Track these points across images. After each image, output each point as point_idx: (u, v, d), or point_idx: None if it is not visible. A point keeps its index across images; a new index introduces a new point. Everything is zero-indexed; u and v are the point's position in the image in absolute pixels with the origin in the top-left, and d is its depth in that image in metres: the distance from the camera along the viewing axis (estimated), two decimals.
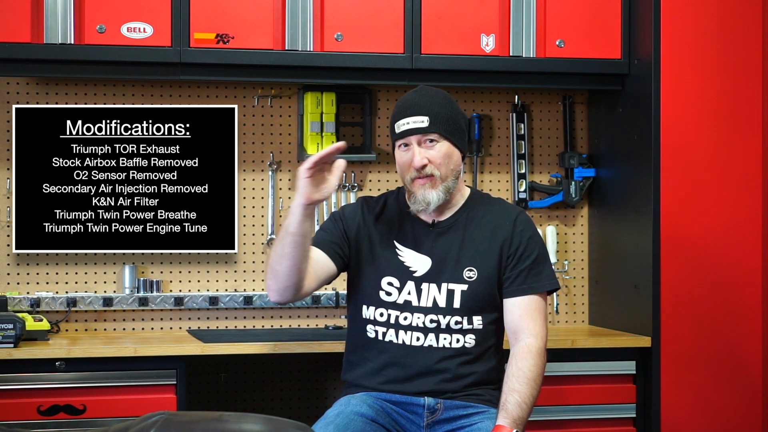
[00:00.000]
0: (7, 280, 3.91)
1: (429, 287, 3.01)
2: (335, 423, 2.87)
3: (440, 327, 3.00)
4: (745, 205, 3.86)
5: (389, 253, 3.04)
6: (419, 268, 3.03)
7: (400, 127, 3.00)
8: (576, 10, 3.93)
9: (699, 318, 3.82)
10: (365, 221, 3.08)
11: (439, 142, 2.98)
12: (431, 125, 2.97)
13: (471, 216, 3.07)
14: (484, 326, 3.02)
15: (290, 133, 4.12)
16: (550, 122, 4.31)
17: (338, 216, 3.12)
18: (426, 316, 3.00)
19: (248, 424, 1.86)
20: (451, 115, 3.01)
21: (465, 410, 2.97)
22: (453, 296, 3.00)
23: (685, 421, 3.80)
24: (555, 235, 4.24)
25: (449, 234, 3.05)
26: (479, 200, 3.12)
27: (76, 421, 3.44)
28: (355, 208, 3.13)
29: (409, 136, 2.99)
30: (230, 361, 4.00)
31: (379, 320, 3.03)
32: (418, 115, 2.98)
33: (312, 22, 3.76)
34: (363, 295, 3.06)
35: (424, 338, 3.00)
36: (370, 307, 3.05)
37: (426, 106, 2.99)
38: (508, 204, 3.16)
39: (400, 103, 3.05)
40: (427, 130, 2.97)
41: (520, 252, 3.02)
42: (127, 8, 3.66)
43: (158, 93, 4.02)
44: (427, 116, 2.97)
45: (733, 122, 3.86)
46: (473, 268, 3.01)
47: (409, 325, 3.00)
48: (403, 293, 3.02)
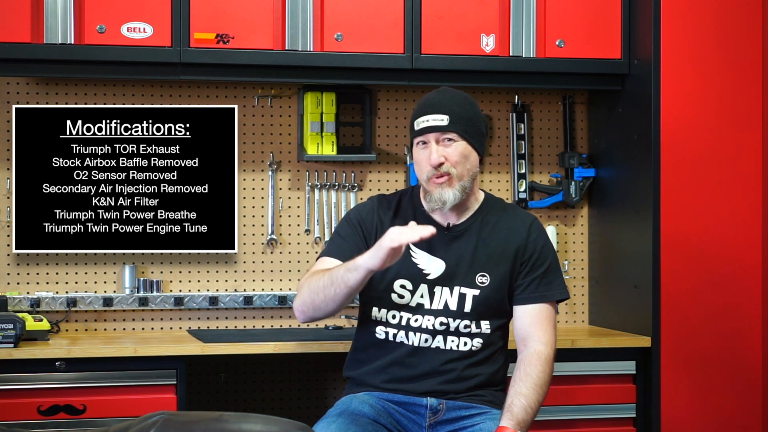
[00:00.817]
0: (7, 280, 3.91)
1: (442, 290, 3.01)
2: (337, 423, 2.87)
3: (449, 330, 3.00)
4: (745, 205, 3.86)
5: (403, 256, 2.99)
6: (433, 271, 3.02)
7: (420, 124, 3.01)
8: (576, 10, 3.93)
9: (699, 318, 3.82)
10: (382, 222, 3.07)
11: (457, 142, 2.98)
12: (450, 124, 2.98)
13: (486, 221, 3.06)
14: (492, 331, 3.03)
15: (290, 133, 4.12)
16: (550, 122, 4.31)
17: (356, 220, 3.09)
18: (436, 318, 3.00)
19: (248, 424, 1.86)
20: (471, 117, 3.01)
21: (467, 411, 2.97)
22: (464, 300, 3.00)
23: (685, 421, 3.80)
24: (555, 235, 4.24)
25: (463, 238, 3.04)
26: (494, 205, 3.11)
27: (76, 421, 3.44)
28: (370, 208, 3.11)
29: (428, 133, 2.99)
30: (230, 361, 4.00)
31: (391, 322, 3.02)
32: (437, 114, 2.98)
33: (312, 22, 3.76)
34: (374, 297, 3.05)
35: (432, 340, 3.00)
36: (382, 309, 3.03)
37: (446, 105, 3.00)
38: (523, 211, 3.17)
39: (422, 101, 3.06)
40: (446, 129, 2.98)
41: (534, 260, 3.03)
42: (127, 8, 3.65)
43: (158, 93, 4.02)
44: (447, 115, 2.98)
45: (733, 122, 3.86)
46: (486, 274, 3.01)
47: (418, 327, 3.00)
48: (416, 296, 3.01)
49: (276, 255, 4.10)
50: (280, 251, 4.10)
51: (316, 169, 4.11)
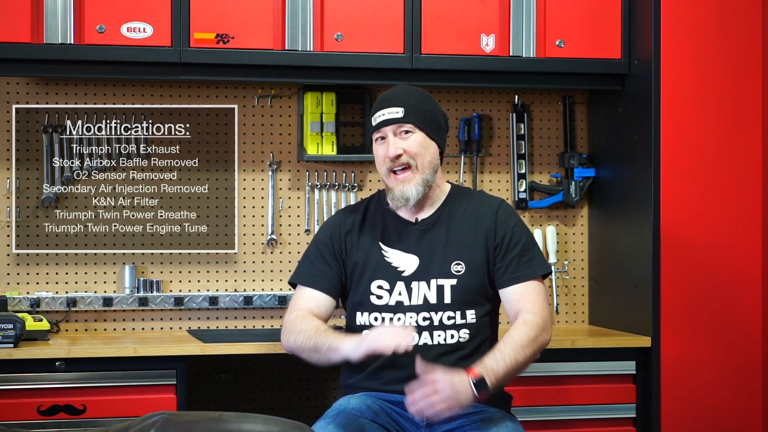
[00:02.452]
0: (7, 280, 3.91)
1: (419, 285, 3.02)
2: (335, 423, 2.87)
3: (433, 324, 3.00)
4: (745, 205, 3.86)
5: (376, 256, 3.04)
6: (407, 267, 3.03)
7: (376, 119, 3.03)
8: (576, 10, 3.93)
9: (699, 318, 3.82)
10: (351, 232, 3.09)
11: (415, 133, 3.00)
12: (406, 116, 3.00)
13: (453, 210, 3.08)
14: (478, 319, 3.03)
15: (290, 133, 4.12)
16: (550, 122, 4.30)
17: (325, 239, 3.12)
18: (418, 314, 3.00)
19: (248, 424, 1.86)
20: (427, 109, 3.03)
21: (465, 410, 2.96)
22: (443, 292, 3.01)
23: (685, 421, 3.80)
24: (555, 235, 4.24)
25: (433, 230, 3.06)
26: (460, 194, 3.13)
27: (76, 421, 3.44)
28: (335, 223, 3.14)
29: (384, 127, 3.01)
30: (230, 361, 4.00)
31: (375, 325, 3.03)
32: (393, 107, 3.01)
33: (312, 22, 3.76)
34: (356, 302, 3.07)
35: (418, 337, 3.00)
36: (364, 313, 3.05)
37: (402, 98, 3.02)
38: (489, 195, 3.17)
39: (378, 98, 3.08)
40: (402, 120, 3.00)
41: (507, 241, 3.03)
42: (127, 8, 3.65)
43: (158, 93, 4.02)
44: (402, 107, 3.00)
45: (733, 122, 3.86)
46: (460, 262, 3.02)
47: (402, 326, 2.99)
48: (393, 294, 3.02)
49: (276, 255, 4.10)
50: (280, 251, 4.10)
51: (316, 169, 4.11)
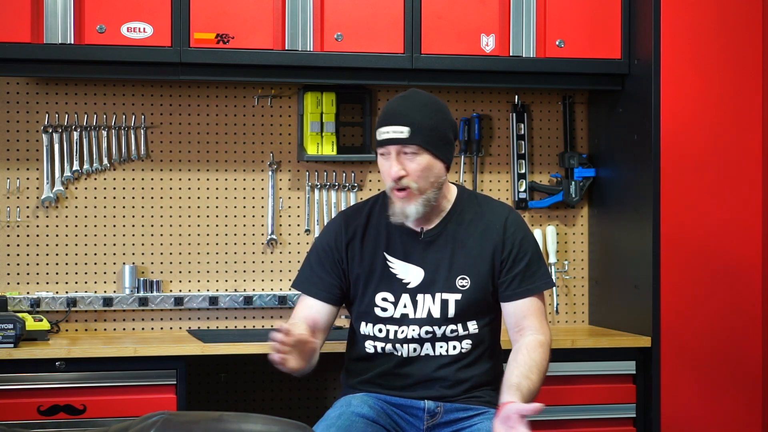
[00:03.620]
0: (7, 280, 3.91)
1: (424, 298, 2.97)
2: (337, 425, 2.86)
3: (436, 336, 2.97)
4: (745, 205, 3.86)
5: (381, 267, 2.99)
6: (412, 279, 2.99)
7: (381, 135, 2.92)
8: (576, 10, 3.93)
9: (699, 318, 3.82)
10: (353, 240, 3.02)
11: (420, 155, 2.89)
12: (411, 136, 2.87)
13: (460, 220, 3.01)
14: (479, 330, 3.00)
15: (290, 133, 4.12)
16: (550, 122, 4.30)
17: (326, 246, 3.05)
18: (421, 327, 2.97)
19: (248, 424, 1.86)
20: (434, 125, 2.91)
21: (465, 413, 2.96)
22: (447, 306, 2.97)
23: (685, 421, 3.80)
24: (555, 235, 4.24)
25: (439, 242, 2.99)
26: (467, 201, 3.04)
27: (76, 421, 3.44)
28: (337, 230, 3.05)
29: (388, 145, 2.90)
30: (230, 361, 3.99)
31: (378, 336, 3.00)
32: (398, 125, 2.88)
33: (312, 22, 3.76)
34: (361, 312, 3.03)
35: (420, 348, 2.98)
36: (368, 324, 3.01)
37: (408, 114, 2.89)
38: (498, 203, 3.09)
39: (384, 108, 2.96)
40: (406, 141, 2.88)
41: (514, 255, 2.98)
42: (127, 8, 3.65)
43: (158, 93, 4.02)
44: (408, 126, 2.87)
45: (733, 122, 3.86)
46: (466, 276, 2.97)
47: (405, 338, 2.97)
48: (399, 307, 2.98)
49: (276, 255, 4.10)
50: (280, 251, 4.10)
51: (316, 169, 4.11)
